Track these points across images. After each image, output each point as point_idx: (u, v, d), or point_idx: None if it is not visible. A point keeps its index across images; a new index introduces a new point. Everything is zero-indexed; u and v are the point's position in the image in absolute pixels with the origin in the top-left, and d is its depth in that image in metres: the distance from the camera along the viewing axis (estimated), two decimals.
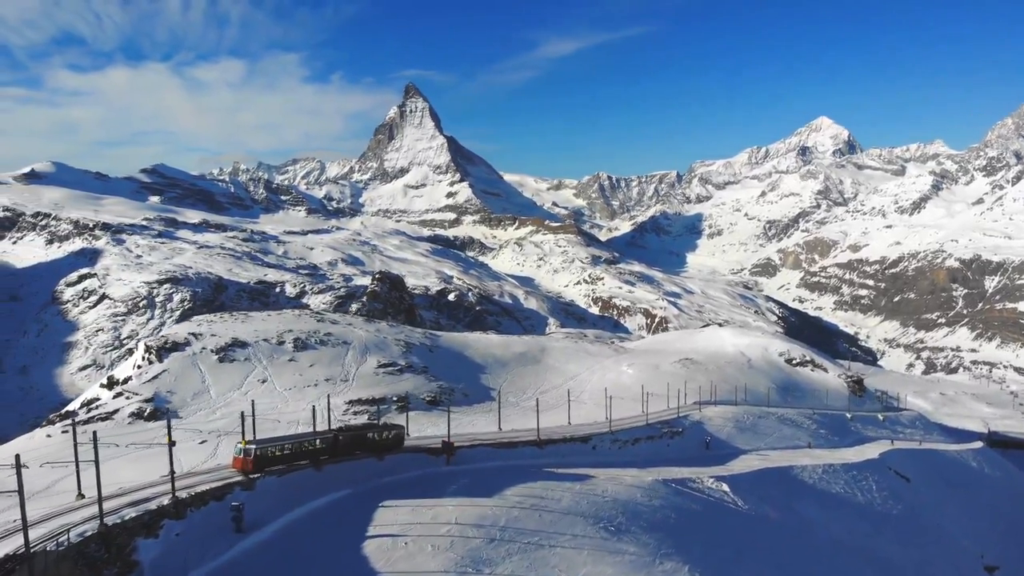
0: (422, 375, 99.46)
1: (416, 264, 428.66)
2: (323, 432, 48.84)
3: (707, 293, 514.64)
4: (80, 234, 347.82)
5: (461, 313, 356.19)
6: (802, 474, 69.63)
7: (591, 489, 48.25)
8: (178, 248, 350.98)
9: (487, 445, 58.45)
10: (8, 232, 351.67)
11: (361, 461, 47.86)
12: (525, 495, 44.48)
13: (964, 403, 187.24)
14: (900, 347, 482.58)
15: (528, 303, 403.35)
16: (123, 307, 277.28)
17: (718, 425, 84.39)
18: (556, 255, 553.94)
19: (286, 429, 63.32)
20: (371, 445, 50.28)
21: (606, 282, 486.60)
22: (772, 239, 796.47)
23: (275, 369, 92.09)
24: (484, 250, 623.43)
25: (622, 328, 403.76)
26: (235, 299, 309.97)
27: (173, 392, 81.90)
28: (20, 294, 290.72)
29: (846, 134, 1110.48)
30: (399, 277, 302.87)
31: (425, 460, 51.98)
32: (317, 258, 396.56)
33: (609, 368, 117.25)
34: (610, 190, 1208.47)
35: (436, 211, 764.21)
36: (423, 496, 42.41)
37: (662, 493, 51.37)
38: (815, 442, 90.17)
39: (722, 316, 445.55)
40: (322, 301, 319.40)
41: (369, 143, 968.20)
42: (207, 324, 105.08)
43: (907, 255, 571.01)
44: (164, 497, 35.90)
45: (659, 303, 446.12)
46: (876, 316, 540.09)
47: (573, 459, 59.88)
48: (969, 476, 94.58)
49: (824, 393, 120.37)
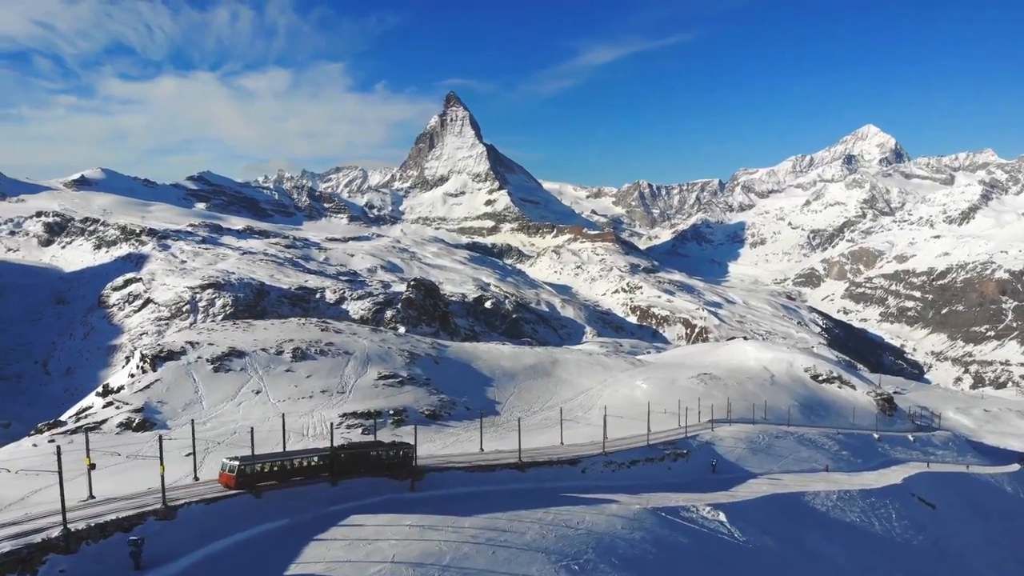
0: (424, 387, 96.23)
1: (454, 271, 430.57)
2: (321, 449, 47.35)
3: (749, 303, 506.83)
4: (127, 239, 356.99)
5: (498, 321, 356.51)
6: (814, 501, 65.36)
7: (564, 519, 44.20)
8: (222, 254, 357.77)
9: (460, 468, 54.65)
10: (58, 237, 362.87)
11: (308, 487, 44.30)
12: (485, 527, 40.59)
13: (1009, 420, 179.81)
14: (947, 360, 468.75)
15: (565, 311, 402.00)
16: (167, 311, 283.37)
17: (729, 446, 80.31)
18: (594, 263, 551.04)
19: (276, 443, 60.22)
20: (375, 464, 48.30)
21: (645, 291, 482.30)
22: (816, 249, 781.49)
23: (271, 380, 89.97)
24: (522, 258, 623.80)
25: (660, 338, 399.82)
26: (276, 304, 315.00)
27: (164, 402, 79.95)
28: (67, 297, 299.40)
29: (893, 142, 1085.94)
30: (434, 284, 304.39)
31: (385, 485, 47.94)
32: (357, 265, 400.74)
33: (623, 382, 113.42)
34: (650, 198, 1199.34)
35: (475, 219, 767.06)
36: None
37: (647, 524, 47.11)
38: (835, 465, 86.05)
39: (764, 327, 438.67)
40: (360, 307, 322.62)
41: (410, 151, 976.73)
42: (207, 333, 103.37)
43: (955, 266, 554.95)
44: (80, 523, 32.33)
45: (699, 313, 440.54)
46: (923, 328, 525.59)
47: (558, 484, 56.13)
48: (1003, 503, 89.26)
49: (851, 411, 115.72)
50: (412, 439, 57.32)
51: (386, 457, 49.41)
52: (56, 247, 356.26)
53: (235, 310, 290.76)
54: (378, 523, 39.94)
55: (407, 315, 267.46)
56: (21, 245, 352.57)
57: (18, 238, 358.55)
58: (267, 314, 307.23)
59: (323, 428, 75.08)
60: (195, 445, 44.19)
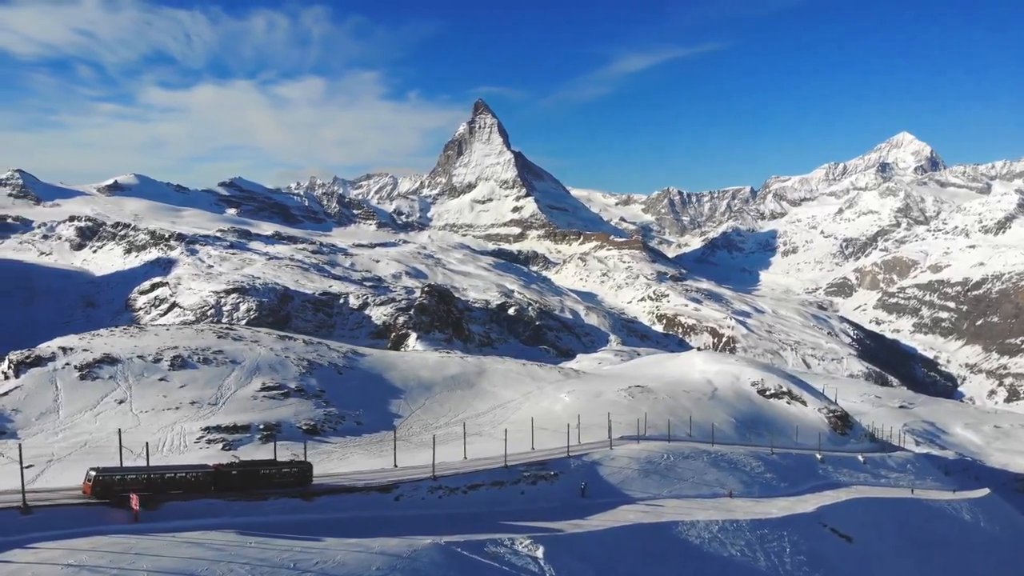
0: (312, 400, 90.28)
1: (478, 278, 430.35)
2: (199, 465, 46.45)
3: (778, 313, 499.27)
4: (156, 244, 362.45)
5: (521, 328, 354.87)
6: (688, 532, 55.97)
7: (297, 558, 34.45)
8: (248, 259, 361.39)
9: (216, 497, 44.92)
10: (89, 241, 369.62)
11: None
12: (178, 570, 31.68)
13: (1020, 437, 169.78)
14: (982, 373, 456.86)
15: (589, 319, 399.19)
16: (192, 315, 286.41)
17: (618, 467, 69.55)
18: (620, 271, 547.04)
19: (133, 458, 54.38)
20: (265, 481, 46.55)
21: (671, 299, 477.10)
22: (849, 258, 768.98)
23: (139, 389, 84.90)
24: (548, 265, 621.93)
25: (687, 347, 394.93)
26: (300, 309, 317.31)
27: (18, 411, 76.66)
28: (97, 301, 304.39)
29: (928, 150, 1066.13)
30: (447, 290, 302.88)
31: (90, 516, 38.45)
32: (382, 270, 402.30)
33: (547, 395, 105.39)
34: (680, 205, 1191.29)
35: (501, 226, 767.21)
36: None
37: (420, 564, 37.27)
38: (749, 489, 75.07)
39: (793, 337, 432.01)
40: (383, 313, 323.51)
41: (439, 159, 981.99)
42: (88, 339, 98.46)
43: (991, 276, 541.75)
44: None
45: (727, 322, 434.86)
46: (957, 340, 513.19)
47: (356, 514, 47.41)
48: (950, 532, 78.83)
49: (794, 430, 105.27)
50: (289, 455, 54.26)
51: (280, 473, 47.66)
52: (87, 251, 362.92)
53: (259, 315, 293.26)
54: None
55: (420, 321, 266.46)
56: (54, 249, 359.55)
57: (51, 242, 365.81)
58: (291, 319, 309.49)
59: (181, 442, 71.26)
60: (22, 460, 40.84)
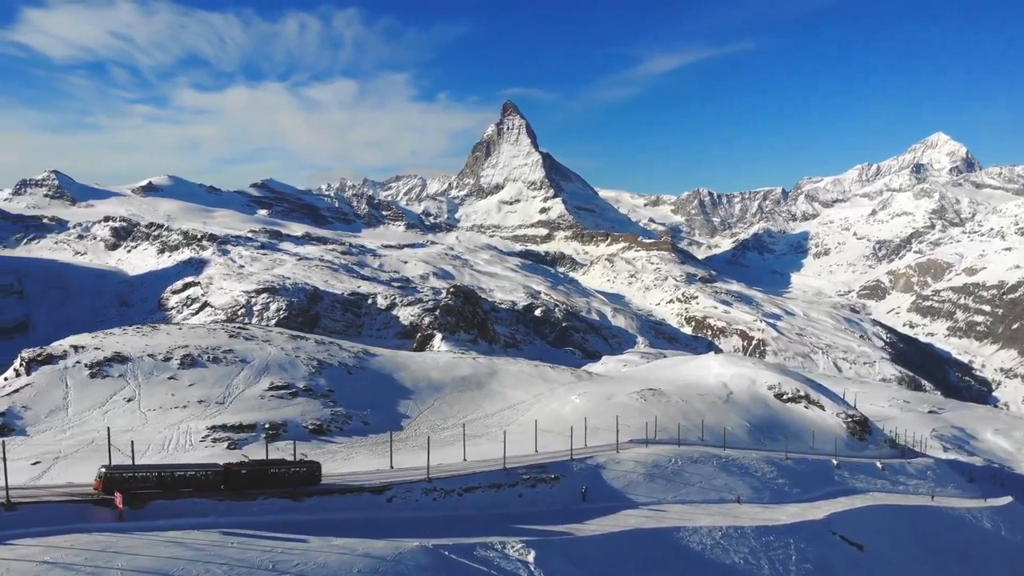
0: (320, 399, 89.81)
1: (504, 279, 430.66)
2: (209, 464, 46.68)
3: (809, 316, 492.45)
4: (188, 244, 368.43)
5: (547, 329, 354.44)
6: (690, 539, 54.09)
7: (277, 559, 33.48)
8: (279, 259, 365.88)
9: (205, 497, 44.02)
10: (124, 241, 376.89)
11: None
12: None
13: None
14: (1017, 378, 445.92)
15: (616, 320, 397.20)
16: (223, 315, 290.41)
17: (623, 471, 67.54)
18: (648, 272, 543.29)
19: (142, 455, 55.64)
20: (274, 481, 46.69)
21: (700, 301, 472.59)
22: (882, 260, 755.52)
23: (148, 388, 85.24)
24: (575, 266, 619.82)
25: (716, 349, 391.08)
26: (329, 309, 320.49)
27: (28, 408, 77.35)
28: (130, 300, 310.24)
29: (964, 151, 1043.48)
30: (473, 291, 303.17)
31: (74, 513, 37.71)
32: (410, 271, 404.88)
33: (557, 397, 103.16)
34: (710, 206, 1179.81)
35: (529, 226, 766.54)
36: None
37: (404, 567, 36.31)
38: (757, 495, 72.47)
39: (824, 340, 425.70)
40: (410, 313, 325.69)
41: (467, 160, 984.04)
42: (101, 337, 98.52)
43: None
44: None
45: (757, 325, 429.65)
46: (992, 344, 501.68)
47: (346, 515, 46.49)
48: (969, 540, 75.86)
49: (811, 434, 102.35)
50: (295, 455, 54.32)
51: (288, 473, 47.68)
52: (122, 251, 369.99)
53: (288, 314, 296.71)
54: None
55: (445, 321, 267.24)
56: (89, 249, 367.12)
57: (86, 242, 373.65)
58: (320, 319, 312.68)
59: (186, 440, 71.40)
60: (5, 460, 38.51)
